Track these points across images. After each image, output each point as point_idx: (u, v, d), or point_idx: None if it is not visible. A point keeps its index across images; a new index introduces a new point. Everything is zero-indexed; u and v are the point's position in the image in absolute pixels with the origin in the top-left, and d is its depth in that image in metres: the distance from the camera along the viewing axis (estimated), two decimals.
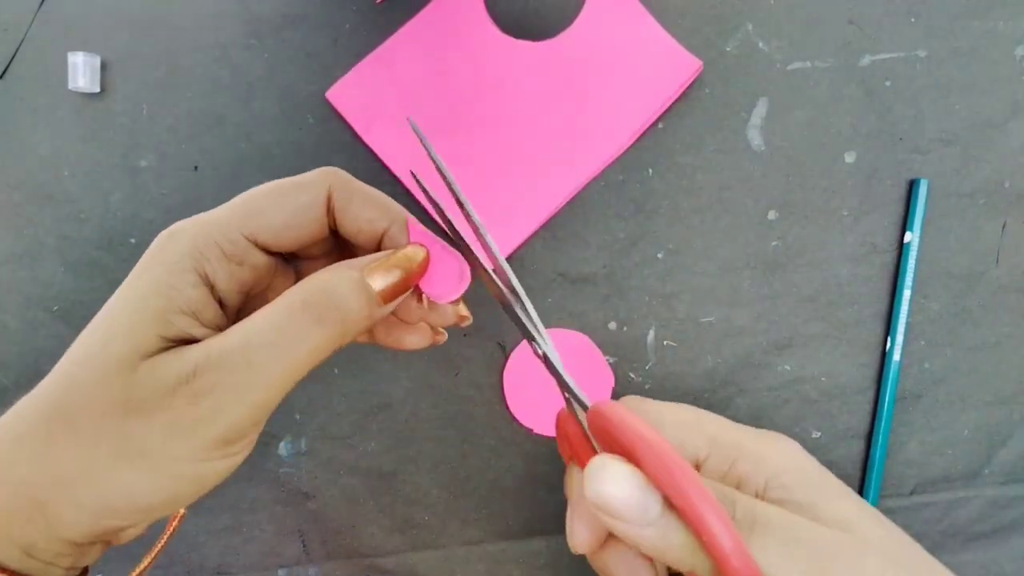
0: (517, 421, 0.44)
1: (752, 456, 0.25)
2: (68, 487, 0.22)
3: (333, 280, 0.23)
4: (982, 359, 0.44)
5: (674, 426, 0.26)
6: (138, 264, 0.24)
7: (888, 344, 0.43)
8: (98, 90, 0.44)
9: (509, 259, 0.44)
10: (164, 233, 0.24)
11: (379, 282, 0.24)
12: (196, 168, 0.44)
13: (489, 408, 0.44)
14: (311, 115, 0.44)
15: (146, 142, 0.44)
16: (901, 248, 0.43)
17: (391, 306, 0.24)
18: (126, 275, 0.43)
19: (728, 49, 0.44)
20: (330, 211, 0.25)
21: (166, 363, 0.22)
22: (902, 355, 0.43)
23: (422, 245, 0.25)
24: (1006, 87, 0.44)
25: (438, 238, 0.26)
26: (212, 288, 0.24)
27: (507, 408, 0.44)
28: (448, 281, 0.25)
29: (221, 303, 0.25)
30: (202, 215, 0.24)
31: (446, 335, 0.29)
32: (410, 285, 0.25)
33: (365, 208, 0.26)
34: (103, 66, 0.44)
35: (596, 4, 0.44)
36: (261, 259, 0.25)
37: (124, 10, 0.44)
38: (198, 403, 0.22)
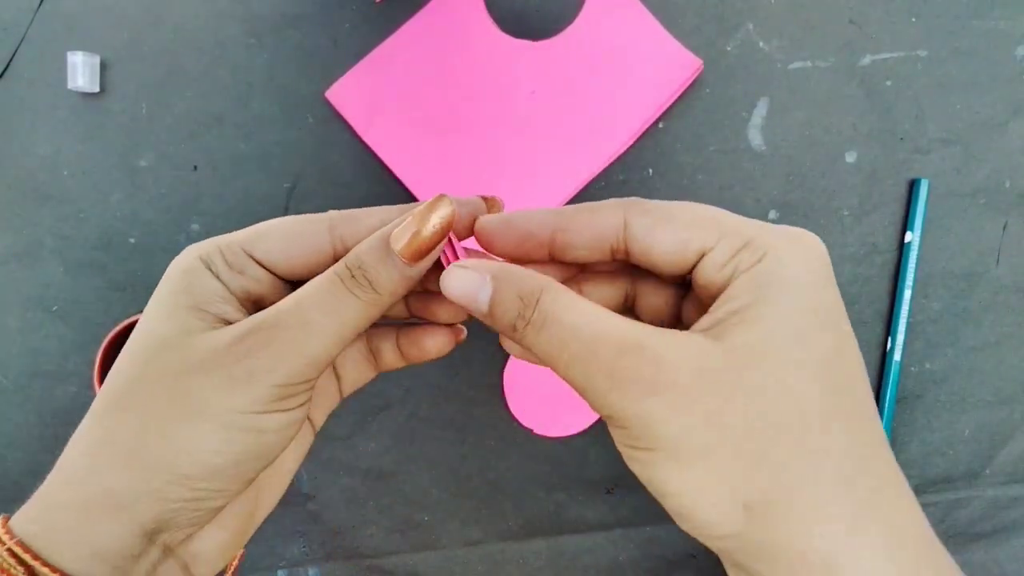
0: (517, 421, 0.43)
1: (757, 248, 0.22)
2: (133, 460, 0.23)
3: (362, 250, 0.25)
4: (983, 359, 0.44)
5: (684, 222, 0.24)
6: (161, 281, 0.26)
7: (889, 344, 0.43)
8: (97, 90, 0.43)
9: None
10: (183, 252, 0.27)
11: (404, 244, 0.24)
12: (195, 168, 0.44)
13: (489, 408, 0.44)
14: (311, 115, 0.44)
15: (145, 142, 0.44)
16: (902, 248, 0.43)
17: (423, 264, 0.25)
18: (125, 275, 0.44)
19: (729, 48, 0.44)
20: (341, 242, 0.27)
21: (220, 331, 0.24)
22: (903, 355, 0.43)
23: (445, 196, 0.26)
24: (1007, 87, 0.44)
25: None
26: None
27: (507, 408, 0.44)
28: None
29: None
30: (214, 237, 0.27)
31: (465, 331, 0.30)
32: (438, 240, 0.25)
33: (372, 218, 0.27)
34: (102, 66, 0.44)
35: (596, 3, 0.44)
36: (260, 273, 0.27)
37: (124, 10, 0.44)
38: (255, 356, 0.23)
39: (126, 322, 0.42)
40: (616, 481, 0.44)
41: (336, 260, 0.27)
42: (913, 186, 0.43)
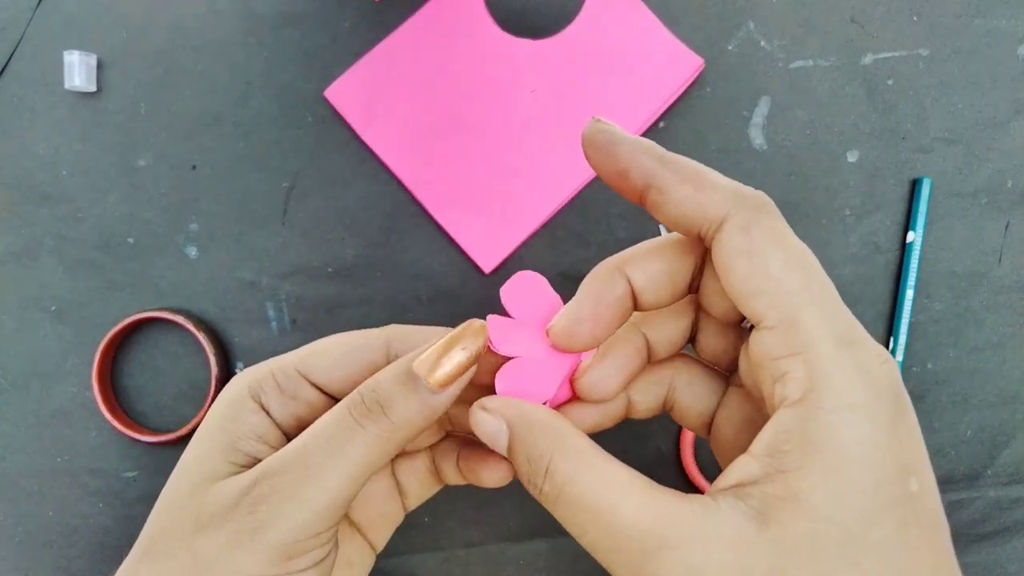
0: None
1: (812, 372, 0.18)
2: None
3: (379, 376, 0.23)
4: (985, 359, 0.43)
5: (765, 274, 0.20)
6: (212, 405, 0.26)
7: (891, 344, 0.43)
8: (94, 89, 0.43)
9: (509, 259, 0.43)
10: (236, 375, 0.26)
11: (431, 369, 0.22)
12: (194, 167, 0.44)
13: None
14: (310, 114, 0.44)
15: (144, 141, 0.44)
16: (904, 248, 0.43)
17: (449, 392, 0.23)
18: (124, 275, 0.44)
19: (730, 47, 0.44)
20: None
21: (233, 481, 0.23)
22: (904, 355, 0.43)
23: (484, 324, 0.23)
24: (1009, 86, 0.43)
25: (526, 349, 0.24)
26: (272, 418, 0.25)
27: None
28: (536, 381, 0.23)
29: (287, 437, 0.25)
30: (271, 358, 0.25)
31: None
32: (470, 364, 0.23)
33: (431, 337, 0.25)
34: (101, 65, 0.43)
35: (597, 2, 0.44)
36: (314, 396, 0.25)
37: (122, 8, 0.44)
38: (257, 510, 0.22)
39: (125, 322, 0.42)
40: None
41: None
42: (915, 185, 0.43)
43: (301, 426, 0.24)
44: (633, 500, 0.19)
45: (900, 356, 0.43)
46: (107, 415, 0.42)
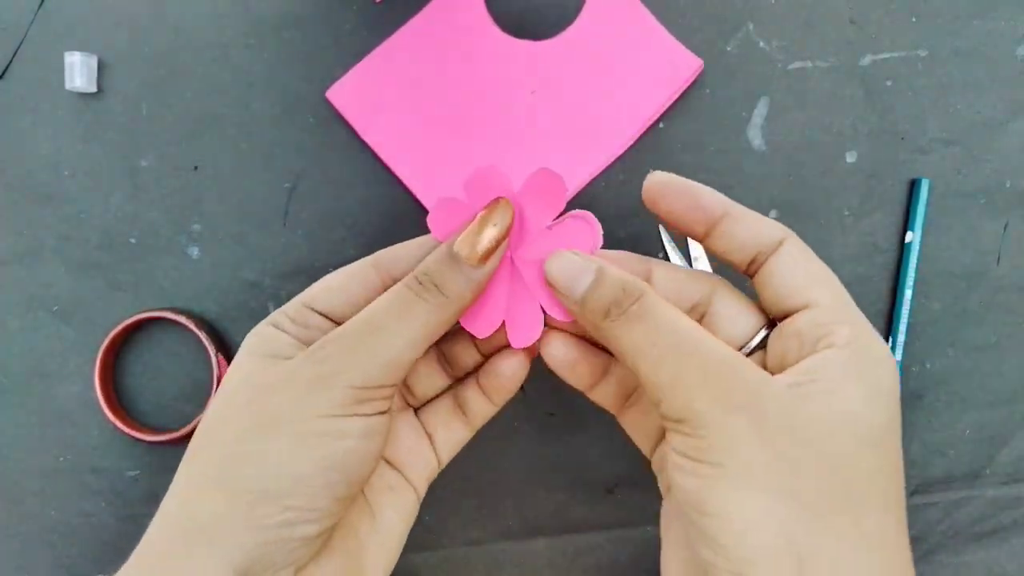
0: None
1: (853, 335, 0.24)
2: (218, 485, 0.23)
3: (427, 260, 0.26)
4: (983, 359, 0.44)
5: (811, 274, 0.26)
6: None
7: (889, 343, 0.43)
8: (95, 90, 0.43)
9: None
10: (249, 334, 0.28)
11: (471, 246, 0.26)
12: (196, 168, 0.44)
13: None
14: (311, 115, 0.44)
15: (146, 142, 0.44)
16: (902, 248, 0.43)
17: (489, 266, 0.26)
18: (126, 275, 0.44)
19: (729, 48, 0.44)
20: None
21: (295, 353, 0.26)
22: (903, 355, 0.43)
23: (506, 199, 0.28)
24: (1007, 87, 0.44)
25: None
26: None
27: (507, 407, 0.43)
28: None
29: None
30: None
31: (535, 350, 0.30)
32: (502, 237, 0.26)
33: (412, 248, 0.29)
34: (103, 66, 0.44)
35: (597, 3, 0.44)
36: (322, 322, 0.28)
37: (123, 10, 0.44)
38: (330, 362, 0.24)
39: (127, 322, 0.42)
40: (617, 481, 0.44)
41: None
42: (914, 186, 0.43)
43: None
44: (711, 335, 0.24)
45: (899, 355, 0.43)
46: (109, 414, 0.42)
